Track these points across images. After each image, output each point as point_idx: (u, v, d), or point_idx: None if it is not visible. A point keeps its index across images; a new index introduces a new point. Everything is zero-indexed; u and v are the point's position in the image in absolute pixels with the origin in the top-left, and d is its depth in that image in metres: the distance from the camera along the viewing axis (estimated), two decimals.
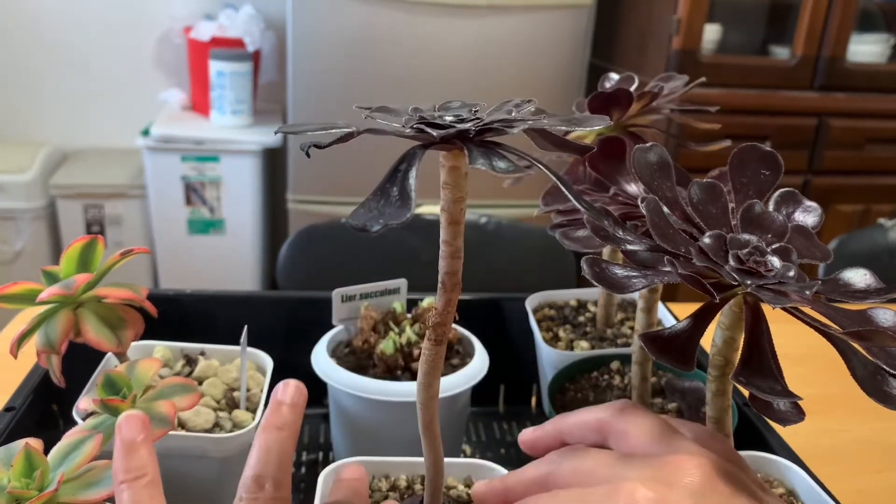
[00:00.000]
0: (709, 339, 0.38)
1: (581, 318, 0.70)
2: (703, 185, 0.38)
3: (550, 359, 0.64)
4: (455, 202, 0.34)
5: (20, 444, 0.41)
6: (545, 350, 0.65)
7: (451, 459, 0.45)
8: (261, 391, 0.56)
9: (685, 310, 0.43)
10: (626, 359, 0.60)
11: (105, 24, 2.22)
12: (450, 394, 0.58)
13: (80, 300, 0.50)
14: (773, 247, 0.35)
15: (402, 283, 0.67)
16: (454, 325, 0.66)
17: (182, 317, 0.68)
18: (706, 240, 0.35)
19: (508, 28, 1.92)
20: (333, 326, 0.65)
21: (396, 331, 0.63)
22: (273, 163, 2.20)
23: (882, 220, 1.48)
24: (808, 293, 0.33)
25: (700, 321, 0.36)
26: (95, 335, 0.50)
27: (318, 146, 0.30)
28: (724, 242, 0.35)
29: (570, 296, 0.73)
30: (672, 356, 0.35)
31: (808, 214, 0.39)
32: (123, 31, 2.24)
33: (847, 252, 1.35)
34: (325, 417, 0.71)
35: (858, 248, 1.39)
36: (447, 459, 0.42)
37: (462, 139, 0.31)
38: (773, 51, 2.08)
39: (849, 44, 1.94)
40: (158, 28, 2.23)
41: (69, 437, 0.43)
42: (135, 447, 0.38)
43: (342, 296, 0.64)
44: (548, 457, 0.39)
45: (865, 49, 2.03)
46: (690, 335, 0.36)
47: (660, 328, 0.40)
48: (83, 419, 0.48)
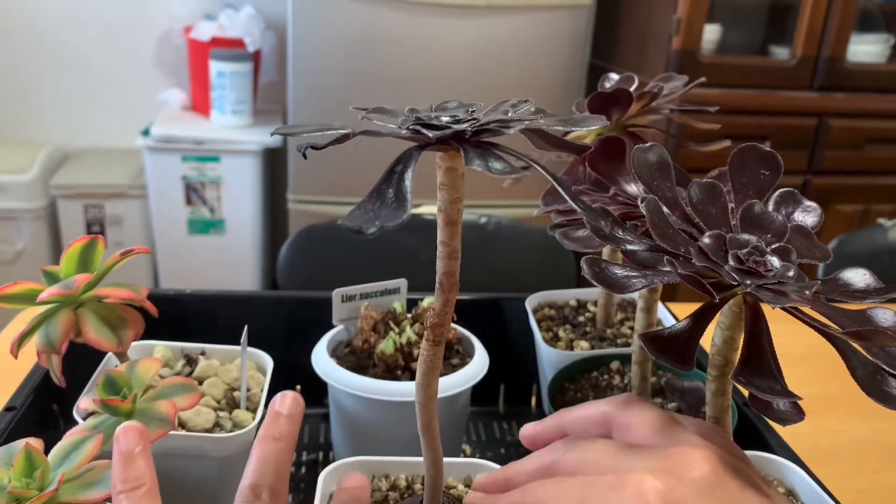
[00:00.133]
0: (708, 339, 0.38)
1: (581, 318, 0.70)
2: (703, 185, 0.38)
3: (550, 359, 0.64)
4: (452, 203, 0.33)
5: (21, 444, 0.41)
6: (545, 350, 0.65)
7: (451, 459, 0.45)
8: (261, 391, 0.56)
9: (685, 310, 0.43)
10: (626, 359, 0.60)
11: (105, 24, 2.22)
12: (449, 394, 0.58)
13: (81, 300, 0.50)
14: (773, 247, 0.35)
15: (402, 283, 0.67)
16: (454, 325, 0.66)
17: (182, 317, 0.68)
18: (706, 240, 0.35)
19: (508, 28, 1.92)
20: (333, 326, 0.65)
21: (396, 331, 0.63)
22: (273, 163, 2.20)
23: (882, 220, 1.48)
24: (808, 293, 0.33)
25: (700, 321, 0.36)
26: (96, 335, 0.50)
27: (315, 147, 0.30)
28: (724, 242, 0.35)
29: (570, 296, 0.73)
30: (672, 356, 0.35)
31: (808, 214, 0.39)
32: (123, 31, 2.24)
33: (847, 252, 1.35)
34: (325, 417, 0.71)
35: (858, 248, 1.39)
36: (447, 459, 0.42)
37: (458, 140, 0.31)
38: (773, 51, 2.08)
39: (849, 44, 1.94)
40: (158, 28, 2.23)
41: (70, 437, 0.43)
42: (133, 458, 0.38)
43: (342, 296, 0.64)
44: (551, 446, 0.39)
45: (865, 49, 2.03)
46: (690, 335, 0.36)
47: (660, 328, 0.40)
48: (83, 419, 0.48)
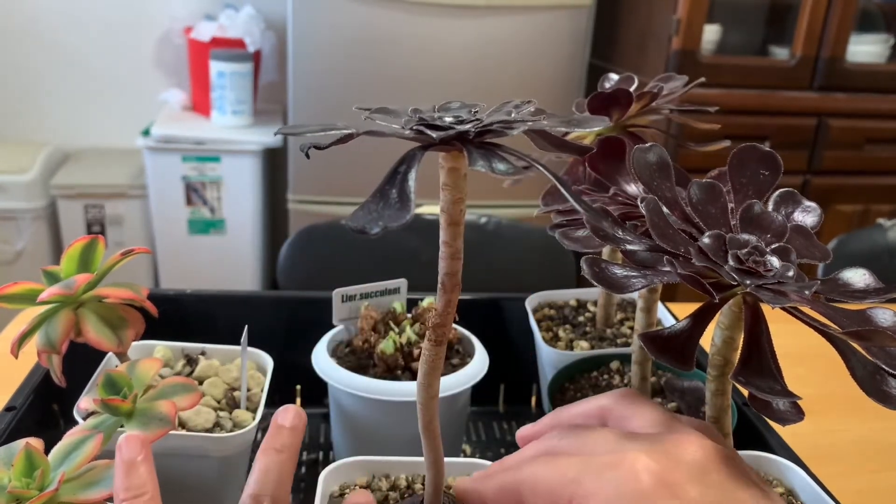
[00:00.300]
0: (708, 339, 0.38)
1: (581, 318, 0.70)
2: (703, 185, 0.38)
3: (550, 359, 0.64)
4: (454, 203, 0.34)
5: (21, 444, 0.41)
6: (545, 350, 0.65)
7: (451, 459, 0.45)
8: (261, 391, 0.56)
9: (685, 310, 0.43)
10: (626, 359, 0.60)
11: (105, 24, 2.23)
12: (450, 393, 0.58)
13: (81, 300, 0.50)
14: (773, 247, 0.35)
15: (402, 283, 0.67)
16: (454, 325, 0.66)
17: (182, 317, 0.68)
18: (705, 240, 0.35)
19: (508, 28, 1.92)
20: (333, 326, 0.65)
21: (396, 331, 0.63)
22: (273, 163, 2.20)
23: (881, 220, 1.48)
24: (808, 293, 0.33)
25: (699, 321, 0.36)
26: (96, 335, 0.50)
27: (318, 147, 0.30)
28: (724, 242, 0.35)
29: (570, 296, 0.73)
30: (671, 356, 0.35)
31: (808, 214, 0.39)
32: (123, 31, 2.24)
33: (846, 252, 1.35)
34: (325, 417, 0.71)
35: (858, 248, 1.39)
36: (447, 459, 0.42)
37: (461, 140, 0.31)
38: (773, 51, 2.08)
39: (848, 44, 1.94)
40: (158, 28, 2.23)
41: (70, 437, 0.43)
42: (135, 466, 0.38)
43: (342, 296, 0.64)
44: (548, 434, 0.39)
45: (865, 49, 2.03)
46: (690, 335, 0.36)
47: (659, 328, 0.40)
48: (84, 419, 0.48)
